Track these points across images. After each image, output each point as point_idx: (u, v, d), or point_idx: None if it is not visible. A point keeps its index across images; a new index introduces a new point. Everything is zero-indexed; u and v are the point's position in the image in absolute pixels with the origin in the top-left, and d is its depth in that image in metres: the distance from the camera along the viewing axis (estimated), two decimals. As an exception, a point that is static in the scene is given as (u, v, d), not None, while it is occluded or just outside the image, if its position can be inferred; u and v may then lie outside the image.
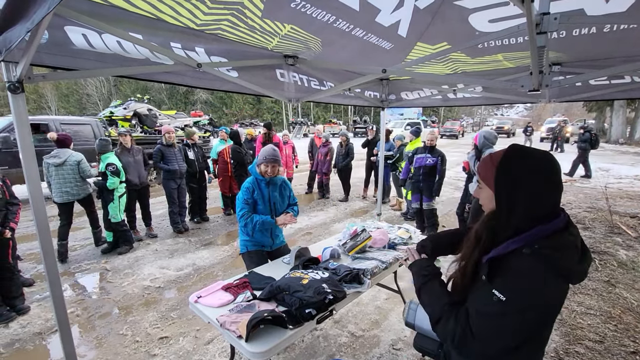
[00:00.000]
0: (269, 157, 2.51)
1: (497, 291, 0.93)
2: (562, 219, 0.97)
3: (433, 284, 1.19)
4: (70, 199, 4.27)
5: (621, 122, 21.47)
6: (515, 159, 1.01)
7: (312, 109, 42.02)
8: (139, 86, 40.58)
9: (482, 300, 0.98)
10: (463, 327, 0.98)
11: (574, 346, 2.67)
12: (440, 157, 4.88)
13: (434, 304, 1.12)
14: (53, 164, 4.09)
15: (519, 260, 0.94)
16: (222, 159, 6.05)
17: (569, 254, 0.93)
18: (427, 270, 1.24)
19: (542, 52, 1.56)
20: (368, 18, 1.74)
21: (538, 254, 0.91)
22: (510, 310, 0.91)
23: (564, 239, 0.94)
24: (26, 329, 2.99)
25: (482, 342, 0.96)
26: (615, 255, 4.32)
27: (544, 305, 0.93)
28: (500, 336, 0.95)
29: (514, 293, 0.91)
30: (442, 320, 1.06)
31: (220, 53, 2.12)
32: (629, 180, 9.62)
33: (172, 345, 2.75)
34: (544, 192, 0.97)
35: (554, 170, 0.98)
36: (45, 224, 1.48)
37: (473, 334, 0.96)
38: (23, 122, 1.37)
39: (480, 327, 0.96)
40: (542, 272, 0.91)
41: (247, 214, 2.47)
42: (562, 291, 0.96)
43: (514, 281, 0.93)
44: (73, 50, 1.57)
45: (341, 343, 2.76)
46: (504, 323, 0.93)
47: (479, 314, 0.97)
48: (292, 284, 1.82)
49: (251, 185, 2.54)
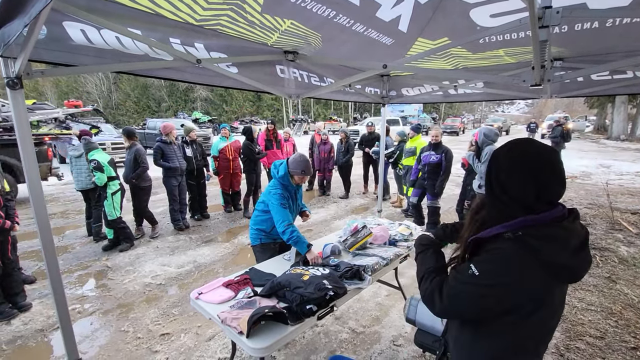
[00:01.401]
0: (307, 171, 2.54)
1: (473, 266, 0.98)
2: (555, 212, 0.97)
3: (426, 253, 1.27)
4: (84, 187, 4.78)
5: (622, 119, 21.39)
6: (508, 148, 1.05)
7: (313, 106, 41.93)
8: (138, 83, 40.54)
9: (460, 270, 1.04)
10: (435, 287, 1.07)
11: (575, 342, 2.67)
12: (444, 153, 4.80)
13: (420, 269, 1.22)
14: (73, 156, 4.71)
15: (500, 243, 0.97)
16: (224, 156, 6.03)
17: (554, 246, 0.92)
18: (425, 241, 1.34)
19: (544, 46, 1.55)
20: (368, 13, 1.73)
21: (519, 240, 0.94)
22: (477, 283, 0.96)
23: (553, 231, 0.94)
24: (28, 325, 3.00)
25: (445, 305, 1.04)
26: (616, 252, 4.32)
27: (513, 290, 0.93)
28: (457, 301, 1.02)
29: (487, 270, 0.96)
30: (422, 280, 1.15)
31: (220, 49, 2.11)
32: (630, 177, 9.60)
33: (173, 341, 2.76)
34: (531, 179, 0.97)
35: (545, 161, 0.98)
36: (46, 222, 1.48)
37: (441, 295, 1.05)
38: (22, 118, 1.36)
39: (447, 290, 1.04)
40: (519, 258, 0.93)
41: (292, 227, 2.38)
42: (540, 283, 0.94)
43: (490, 260, 0.97)
44: (71, 46, 1.56)
45: (342, 339, 2.76)
46: (465, 290, 0.99)
47: (452, 279, 1.05)
48: (292, 280, 1.82)
49: (283, 191, 2.54)
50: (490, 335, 1.02)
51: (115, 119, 38.36)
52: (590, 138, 22.47)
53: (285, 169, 2.53)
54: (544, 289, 0.95)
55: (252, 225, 2.72)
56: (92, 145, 4.53)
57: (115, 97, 41.79)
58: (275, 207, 2.46)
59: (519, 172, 0.99)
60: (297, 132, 24.91)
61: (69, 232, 5.45)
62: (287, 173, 2.54)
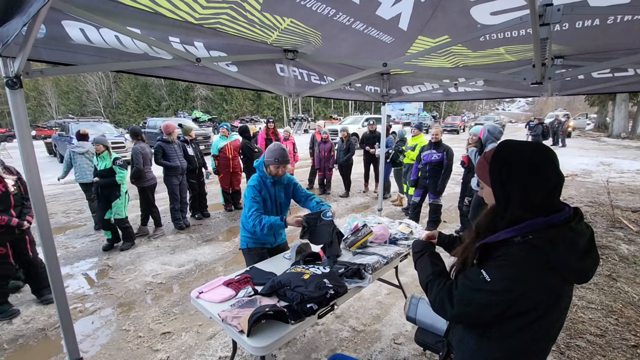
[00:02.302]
0: (280, 159, 2.38)
1: (484, 272, 0.97)
2: (562, 214, 0.97)
3: (423, 258, 1.28)
4: (86, 181, 5.08)
5: (623, 117, 21.33)
6: (505, 152, 1.04)
7: (313, 105, 41.90)
8: (138, 82, 40.50)
9: (469, 276, 1.02)
10: (444, 295, 1.05)
11: (575, 340, 2.67)
12: (445, 152, 4.80)
13: (421, 274, 1.22)
14: (77, 152, 5.08)
15: (509, 247, 0.97)
16: (224, 155, 6.03)
17: (562, 249, 0.92)
18: (419, 247, 1.35)
19: (545, 44, 1.54)
20: (368, 11, 1.72)
21: (528, 244, 0.93)
22: (489, 289, 0.95)
23: (561, 233, 0.94)
24: (29, 325, 3.01)
25: (456, 312, 1.02)
26: (616, 250, 4.31)
27: (525, 294, 0.93)
28: (469, 307, 1.00)
29: (499, 277, 0.94)
30: (428, 287, 1.14)
31: (220, 47, 2.10)
32: (630, 175, 9.58)
33: (174, 340, 2.76)
34: (536, 181, 0.97)
35: (545, 161, 0.98)
36: (46, 220, 1.48)
37: (452, 302, 1.03)
38: (21, 117, 1.36)
39: (458, 297, 1.02)
40: (529, 261, 0.92)
41: (257, 214, 2.31)
42: (552, 286, 0.94)
43: (502, 266, 0.95)
44: (71, 45, 1.56)
45: (342, 338, 2.77)
46: (477, 297, 0.98)
47: (462, 285, 1.03)
48: (293, 279, 1.82)
49: (257, 183, 2.42)
50: (497, 338, 1.01)
51: (116, 118, 38.38)
52: (591, 136, 22.43)
53: (262, 158, 2.46)
54: (554, 292, 0.95)
55: (241, 227, 2.60)
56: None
57: (115, 96, 41.79)
58: (245, 198, 2.40)
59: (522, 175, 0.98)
60: (297, 131, 24.88)
61: (69, 231, 5.46)
62: (262, 163, 2.45)
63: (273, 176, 2.45)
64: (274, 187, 2.50)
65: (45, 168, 11.52)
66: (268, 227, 2.25)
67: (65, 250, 4.66)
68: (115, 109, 41.30)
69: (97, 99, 39.97)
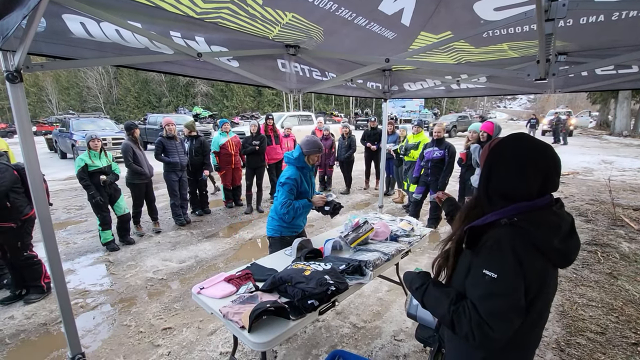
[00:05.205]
0: (320, 148, 2.65)
1: (487, 270, 0.96)
2: (545, 199, 1.01)
3: (429, 291, 1.15)
4: None
5: (625, 115, 21.24)
6: (505, 140, 1.08)
7: (314, 101, 41.76)
8: (139, 78, 40.39)
9: (478, 286, 0.98)
10: (477, 322, 0.95)
11: (576, 337, 2.68)
12: (447, 149, 4.80)
13: (438, 310, 1.09)
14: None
15: (497, 230, 0.99)
16: (225, 151, 6.02)
17: (546, 230, 0.97)
18: (418, 282, 1.20)
19: (550, 39, 1.53)
20: (370, 6, 1.70)
21: (515, 225, 0.97)
22: (501, 286, 0.94)
23: (546, 216, 0.99)
24: (31, 319, 3.02)
25: (498, 328, 0.93)
26: (617, 248, 4.31)
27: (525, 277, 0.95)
28: (500, 317, 0.93)
29: (502, 268, 0.95)
30: (455, 325, 1.01)
31: (221, 42, 2.09)
32: (632, 173, 9.56)
33: (175, 335, 2.77)
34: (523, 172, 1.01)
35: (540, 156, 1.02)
36: (46, 215, 1.47)
37: (489, 325, 0.93)
38: (22, 112, 1.35)
39: (489, 314, 0.93)
40: (518, 243, 0.95)
41: (289, 202, 2.53)
42: (541, 268, 0.98)
43: (496, 257, 0.96)
44: (71, 39, 1.54)
45: (343, 334, 2.77)
46: (498, 301, 0.94)
47: (483, 300, 0.96)
48: (294, 275, 1.82)
49: (298, 176, 2.60)
50: None
51: (116, 114, 38.31)
52: (593, 134, 22.35)
53: (299, 150, 2.63)
54: (542, 274, 0.99)
55: (273, 215, 2.72)
56: None
57: (115, 92, 41.66)
58: (283, 192, 2.57)
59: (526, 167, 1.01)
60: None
61: (70, 227, 5.47)
62: (302, 154, 2.63)
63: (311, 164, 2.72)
64: (309, 173, 2.76)
65: (46, 164, 11.53)
66: (302, 208, 2.55)
67: (67, 246, 4.67)
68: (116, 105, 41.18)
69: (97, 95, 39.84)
